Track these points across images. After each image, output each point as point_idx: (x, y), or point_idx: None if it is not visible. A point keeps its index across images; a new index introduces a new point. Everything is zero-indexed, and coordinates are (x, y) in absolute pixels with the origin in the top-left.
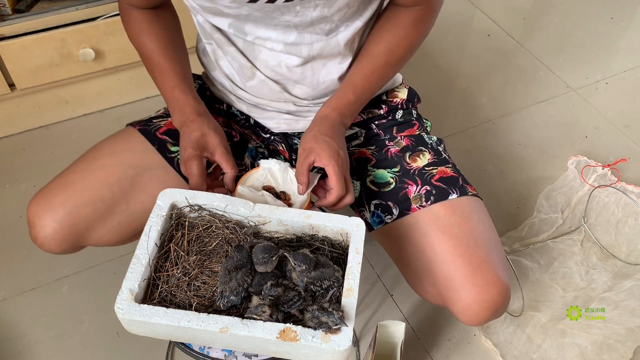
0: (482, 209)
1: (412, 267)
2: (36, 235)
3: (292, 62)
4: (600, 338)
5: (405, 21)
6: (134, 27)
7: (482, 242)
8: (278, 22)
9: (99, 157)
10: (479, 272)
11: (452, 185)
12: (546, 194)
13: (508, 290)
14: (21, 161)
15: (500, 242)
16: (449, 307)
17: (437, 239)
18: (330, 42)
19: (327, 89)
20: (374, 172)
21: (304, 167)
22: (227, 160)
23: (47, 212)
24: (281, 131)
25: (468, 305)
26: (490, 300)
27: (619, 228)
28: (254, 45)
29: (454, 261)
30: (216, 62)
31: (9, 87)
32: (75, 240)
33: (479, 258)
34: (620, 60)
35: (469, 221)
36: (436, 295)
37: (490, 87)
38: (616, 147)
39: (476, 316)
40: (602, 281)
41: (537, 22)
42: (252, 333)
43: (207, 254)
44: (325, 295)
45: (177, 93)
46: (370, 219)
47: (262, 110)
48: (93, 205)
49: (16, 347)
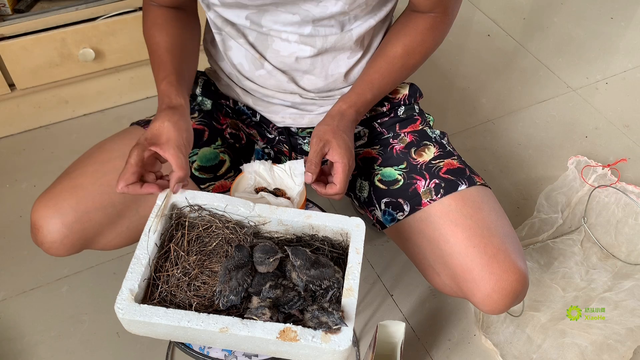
0: (492, 197)
1: (428, 262)
2: (43, 240)
3: (304, 53)
4: (600, 338)
5: (422, 26)
6: (149, 20)
7: (496, 231)
8: (298, 10)
9: (109, 159)
10: (495, 261)
11: (460, 177)
12: (546, 194)
13: (526, 276)
14: (21, 161)
15: (513, 229)
16: (469, 298)
17: (451, 231)
18: (344, 37)
19: (335, 82)
20: (381, 170)
21: (318, 158)
22: (177, 158)
23: (55, 217)
24: (286, 125)
25: (488, 295)
26: (509, 287)
27: (619, 228)
28: (267, 37)
29: (469, 252)
30: (224, 53)
31: (9, 87)
32: (83, 246)
33: (494, 247)
34: (620, 60)
35: (481, 211)
36: (455, 287)
37: (490, 87)
38: (616, 147)
39: (497, 305)
40: (602, 281)
41: (537, 22)
42: (252, 333)
43: (207, 254)
44: (325, 295)
45: (164, 85)
46: (382, 217)
47: (268, 103)
48: (104, 211)
49: (16, 347)
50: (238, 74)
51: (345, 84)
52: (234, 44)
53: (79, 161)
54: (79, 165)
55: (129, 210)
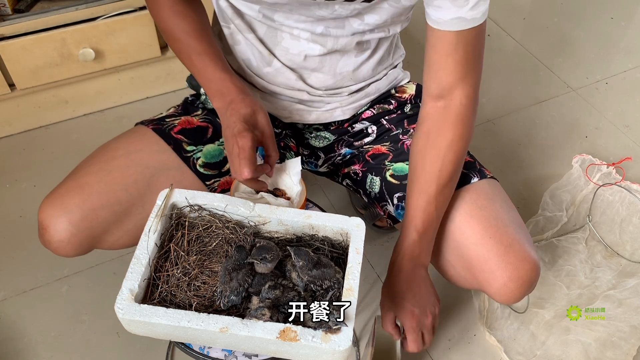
0: (501, 190)
1: (442, 254)
2: (50, 239)
3: (314, 52)
4: (604, 335)
5: (442, 140)
6: (165, 10)
7: (509, 222)
8: (312, 14)
9: (114, 157)
10: (511, 251)
11: (472, 170)
12: (551, 192)
13: (538, 266)
14: (21, 161)
15: (522, 221)
16: (484, 288)
17: (466, 222)
18: (354, 40)
19: (343, 80)
20: (392, 165)
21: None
22: (274, 143)
23: (62, 215)
24: (293, 121)
25: (504, 284)
26: (524, 276)
27: (623, 226)
28: (278, 32)
29: (485, 243)
30: (233, 47)
31: (9, 87)
32: (91, 245)
33: (509, 237)
34: (620, 60)
35: (494, 203)
36: (470, 278)
37: (490, 87)
38: (616, 147)
39: (512, 294)
40: (606, 279)
41: (537, 22)
42: (252, 333)
43: (207, 254)
44: (325, 295)
45: (220, 73)
46: (395, 212)
47: (275, 99)
48: (110, 208)
49: (16, 347)
50: (246, 69)
51: (352, 82)
52: (242, 38)
53: (84, 161)
54: (84, 165)
55: (135, 208)
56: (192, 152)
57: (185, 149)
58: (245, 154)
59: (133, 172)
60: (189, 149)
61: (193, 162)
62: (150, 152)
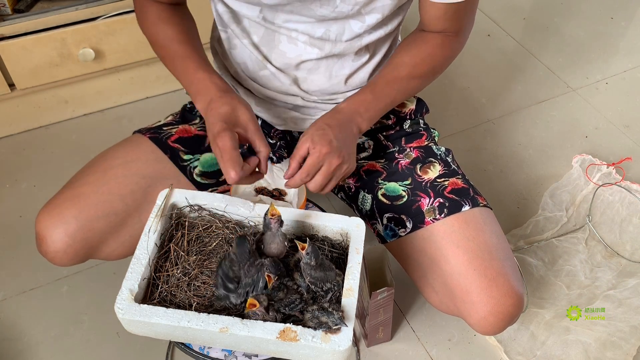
0: (493, 219)
1: (427, 280)
2: (46, 250)
3: (311, 56)
4: (604, 335)
5: (432, 42)
6: (151, 16)
7: (496, 254)
8: (313, 14)
9: (110, 167)
10: (494, 285)
11: (464, 197)
12: (551, 192)
13: (522, 300)
14: (21, 161)
15: (511, 251)
16: (465, 318)
17: (452, 252)
18: (353, 44)
19: (338, 85)
20: (385, 185)
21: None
22: (261, 137)
23: (58, 226)
24: (287, 129)
25: (484, 318)
26: (505, 311)
27: (624, 226)
28: (276, 35)
29: (469, 274)
30: (229, 51)
31: (9, 87)
32: (87, 255)
33: (494, 271)
34: (620, 60)
35: (483, 233)
36: (452, 307)
37: (490, 87)
38: (616, 147)
39: (492, 327)
40: (607, 279)
41: (537, 22)
42: (252, 333)
43: (207, 254)
44: (325, 296)
45: (201, 73)
46: (383, 232)
47: (270, 105)
48: (106, 219)
49: (16, 347)
50: (242, 73)
51: (347, 88)
52: (238, 42)
53: (81, 170)
54: (81, 175)
55: (131, 218)
56: (189, 161)
57: (182, 157)
58: (227, 155)
59: (129, 182)
60: (186, 158)
61: (190, 171)
62: (147, 162)
